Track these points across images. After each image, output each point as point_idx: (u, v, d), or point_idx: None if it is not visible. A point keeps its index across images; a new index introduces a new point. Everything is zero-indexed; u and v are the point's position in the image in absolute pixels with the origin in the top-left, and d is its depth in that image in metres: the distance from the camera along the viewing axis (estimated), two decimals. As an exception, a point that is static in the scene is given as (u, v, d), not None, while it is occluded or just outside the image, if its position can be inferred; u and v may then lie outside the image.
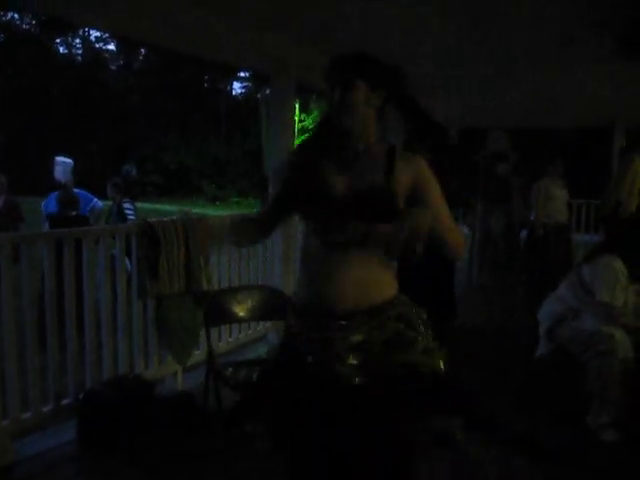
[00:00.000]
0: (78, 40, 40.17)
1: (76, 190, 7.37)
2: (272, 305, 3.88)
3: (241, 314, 3.86)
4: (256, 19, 4.66)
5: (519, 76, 6.71)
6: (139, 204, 9.18)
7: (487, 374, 5.17)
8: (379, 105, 2.16)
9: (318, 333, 2.12)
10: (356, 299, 2.11)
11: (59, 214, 6.73)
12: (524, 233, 8.07)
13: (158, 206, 24.96)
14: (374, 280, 2.15)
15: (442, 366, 2.20)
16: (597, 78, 6.55)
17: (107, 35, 38.39)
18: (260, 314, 4.03)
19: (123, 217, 7.29)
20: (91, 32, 39.21)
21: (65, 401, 3.94)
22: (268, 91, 6.58)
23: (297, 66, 5.49)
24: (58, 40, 39.03)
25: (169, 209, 23.32)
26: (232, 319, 4.05)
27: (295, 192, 2.12)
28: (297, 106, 28.56)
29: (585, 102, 8.16)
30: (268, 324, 5.47)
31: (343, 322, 2.10)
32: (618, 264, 4.06)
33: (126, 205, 7.50)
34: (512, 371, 5.22)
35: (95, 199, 7.67)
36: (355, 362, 2.09)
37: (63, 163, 7.51)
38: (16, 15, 36.07)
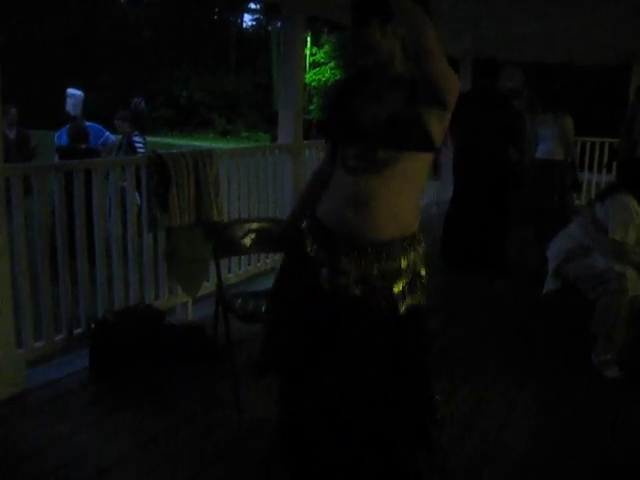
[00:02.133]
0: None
1: (88, 123, 7.34)
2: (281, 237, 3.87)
3: (250, 246, 3.86)
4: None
5: (534, 8, 6.56)
6: (149, 138, 9.13)
7: (493, 311, 5.21)
8: (402, 34, 2.11)
9: (346, 258, 2.17)
10: (387, 229, 2.16)
11: (69, 146, 6.73)
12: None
13: (168, 140, 24.88)
14: (403, 213, 2.19)
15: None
16: (615, 13, 6.41)
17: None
18: (269, 246, 4.04)
19: (133, 150, 7.27)
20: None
21: (77, 330, 4.00)
22: (279, 24, 6.47)
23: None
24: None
25: (179, 142, 23.27)
26: (241, 251, 4.06)
27: (329, 127, 2.24)
28: (309, 39, 28.18)
29: (602, 37, 7.99)
30: (276, 256, 5.49)
31: (372, 249, 2.16)
32: (633, 203, 4.04)
33: (136, 138, 7.47)
34: (518, 307, 5.26)
35: (107, 132, 7.64)
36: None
37: (74, 95, 7.45)
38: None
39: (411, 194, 2.20)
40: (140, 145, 7.42)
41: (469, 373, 4.01)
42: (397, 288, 2.18)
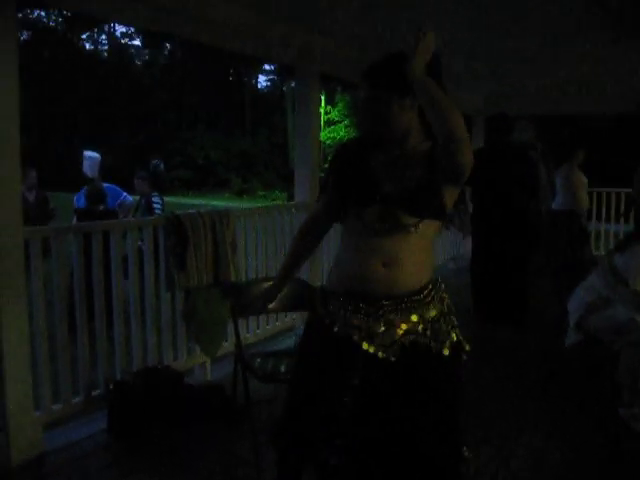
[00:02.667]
0: (104, 36, 40.46)
1: (105, 185, 7.43)
2: (300, 296, 3.87)
3: (269, 305, 3.84)
4: (282, 10, 4.65)
5: (545, 62, 6.63)
6: (166, 198, 9.23)
7: (516, 364, 5.14)
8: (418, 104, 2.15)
9: (366, 316, 2.21)
10: (415, 281, 2.23)
11: (87, 208, 6.80)
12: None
13: (185, 200, 25.09)
14: (425, 264, 2.27)
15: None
16: (625, 61, 6.45)
17: (132, 30, 38.61)
18: (288, 305, 4.03)
19: (151, 211, 7.33)
20: (117, 27, 39.47)
21: (95, 392, 3.98)
22: (293, 84, 6.58)
23: (322, 57, 5.47)
24: (84, 36, 39.34)
25: (196, 203, 23.45)
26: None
27: (346, 190, 2.26)
28: (323, 98, 28.59)
29: (614, 86, 8.03)
30: (296, 315, 5.47)
31: (406, 299, 2.22)
32: (653, 252, 4.01)
33: (154, 199, 7.53)
34: (542, 362, 5.19)
35: (125, 193, 7.72)
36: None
37: (90, 158, 7.56)
38: (42, 12, 36.38)
39: (429, 250, 2.29)
40: (158, 206, 7.48)
41: (494, 426, 3.94)
42: (439, 331, 2.24)
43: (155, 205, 7.45)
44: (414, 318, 2.20)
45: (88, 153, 7.65)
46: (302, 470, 2.49)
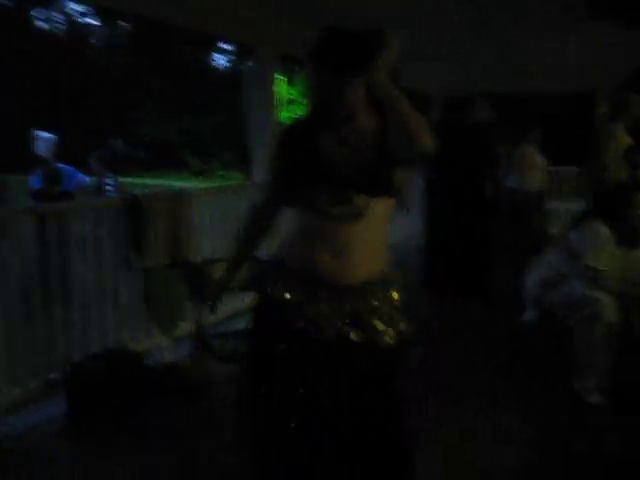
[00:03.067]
0: (58, 15, 39.65)
1: (61, 166, 7.30)
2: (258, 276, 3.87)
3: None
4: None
5: (500, 40, 6.67)
6: (124, 179, 9.11)
7: (472, 340, 5.21)
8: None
9: (319, 302, 2.16)
10: (366, 271, 2.18)
11: (43, 190, 6.68)
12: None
13: (143, 181, 24.81)
14: (376, 253, 2.22)
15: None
16: (579, 42, 6.53)
17: (89, 10, 37.90)
18: (246, 284, 4.03)
19: (103, 193, 7.20)
20: (71, 6, 38.70)
21: (54, 375, 3.94)
22: (250, 62, 6.54)
23: (280, 37, 5.44)
24: (36, 14, 38.51)
25: (154, 183, 23.23)
26: (218, 290, 4.04)
27: (295, 172, 2.19)
28: (286, 79, 28.43)
29: (567, 67, 8.13)
30: (254, 295, 5.46)
31: (350, 291, 2.16)
32: (604, 229, 4.08)
33: (107, 181, 7.40)
34: (498, 337, 5.26)
35: (80, 174, 7.58)
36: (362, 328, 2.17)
37: (44, 138, 7.40)
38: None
39: (381, 234, 2.23)
40: (110, 188, 7.33)
41: (456, 402, 3.99)
42: (379, 323, 2.18)
43: (108, 187, 7.31)
44: (349, 308, 2.16)
45: (41, 133, 7.49)
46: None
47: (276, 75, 6.05)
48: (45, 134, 7.39)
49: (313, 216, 2.15)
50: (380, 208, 2.14)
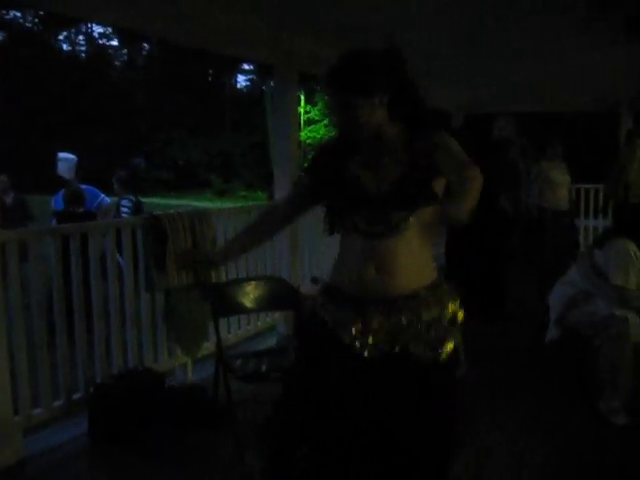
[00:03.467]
0: (81, 37, 40.19)
1: (83, 186, 7.35)
2: (280, 295, 3.87)
3: (249, 305, 3.85)
4: (260, 10, 4.63)
5: (524, 60, 6.66)
6: (146, 199, 9.17)
7: (497, 361, 5.16)
8: (386, 99, 2.14)
9: (375, 316, 2.16)
10: (412, 284, 2.17)
11: (65, 210, 6.73)
12: None
13: (166, 201, 24.95)
14: (422, 266, 2.22)
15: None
16: (603, 60, 6.49)
17: (110, 31, 38.37)
18: (268, 305, 4.03)
19: (119, 214, 7.25)
20: (94, 28, 39.22)
21: (76, 395, 3.95)
22: (272, 83, 6.56)
23: (300, 56, 5.47)
24: (61, 37, 39.06)
25: (177, 203, 23.34)
26: (240, 310, 4.05)
27: (326, 191, 2.25)
28: (302, 98, 28.56)
29: (592, 85, 8.09)
30: (276, 315, 5.46)
31: (401, 302, 2.16)
32: (632, 247, 4.02)
33: (123, 202, 7.44)
34: (523, 357, 5.20)
35: (102, 195, 7.63)
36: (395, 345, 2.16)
37: (66, 160, 7.49)
38: (18, 13, 36.07)
39: (427, 248, 2.24)
40: (125, 209, 7.37)
41: (475, 423, 3.95)
42: (430, 337, 2.17)
43: (123, 209, 7.35)
44: (403, 320, 2.15)
45: (63, 155, 7.57)
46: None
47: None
48: (67, 155, 7.48)
49: (355, 237, 2.18)
50: (420, 219, 2.14)
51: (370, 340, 2.15)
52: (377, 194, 2.13)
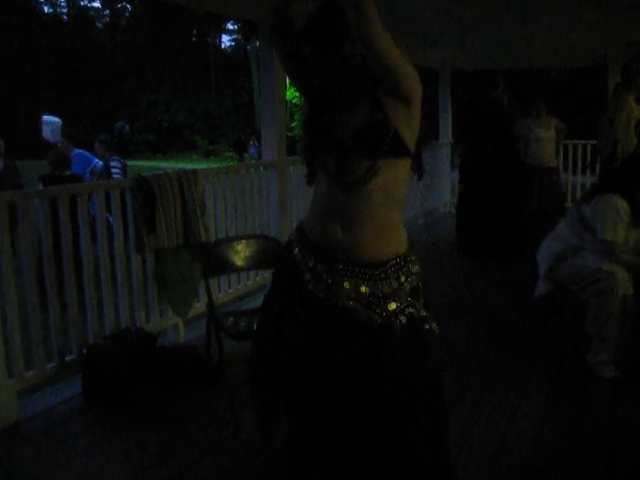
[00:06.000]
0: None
1: (77, 151, 7.31)
2: (270, 254, 3.87)
3: (239, 264, 3.85)
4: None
5: (510, 15, 6.60)
6: (132, 162, 9.11)
7: (485, 315, 5.21)
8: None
9: (329, 275, 2.14)
10: (378, 249, 2.15)
11: (51, 174, 6.69)
12: None
13: (151, 163, 24.84)
14: (392, 231, 2.19)
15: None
16: (590, 16, 6.45)
17: (92, -9, 37.79)
18: (258, 263, 4.03)
19: (109, 176, 7.21)
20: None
21: (69, 357, 3.97)
22: (257, 42, 6.49)
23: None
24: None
25: (163, 165, 23.25)
26: (230, 269, 4.06)
27: (306, 141, 2.26)
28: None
29: (577, 39, 8.04)
30: (267, 274, 5.47)
31: (365, 270, 2.14)
32: (620, 202, 4.03)
33: (113, 163, 7.40)
34: (511, 311, 5.26)
35: (95, 159, 7.60)
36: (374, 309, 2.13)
37: (50, 123, 7.43)
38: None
39: (394, 209, 2.19)
40: (116, 171, 7.34)
41: (465, 380, 4.00)
42: (390, 307, 2.14)
43: (113, 170, 7.32)
44: (363, 289, 2.13)
45: (48, 118, 7.51)
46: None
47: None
48: (51, 118, 7.41)
49: (326, 185, 2.17)
50: (387, 173, 2.09)
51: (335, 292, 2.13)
52: (342, 138, 2.10)
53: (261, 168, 5.72)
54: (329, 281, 2.14)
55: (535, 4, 5.96)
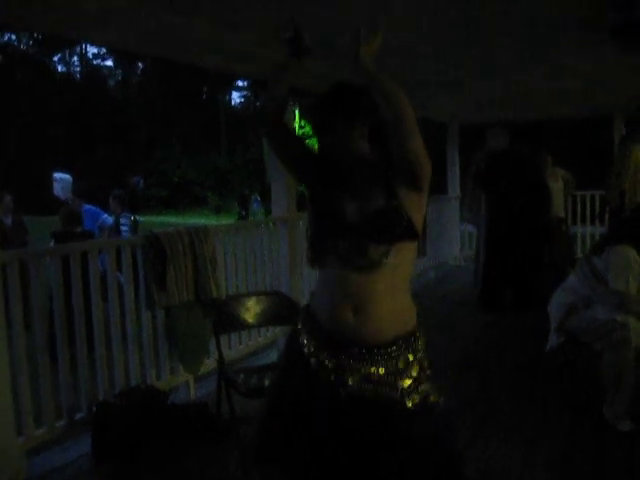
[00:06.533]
0: (76, 58, 40.36)
1: (86, 206, 7.38)
2: (281, 310, 3.87)
3: (250, 320, 3.85)
4: (253, 26, 4.66)
5: (515, 69, 6.69)
6: (144, 217, 9.19)
7: (499, 369, 5.17)
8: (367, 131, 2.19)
9: (335, 359, 2.13)
10: (389, 329, 2.14)
11: (63, 231, 6.74)
12: None
13: (162, 219, 24.99)
14: (401, 308, 2.19)
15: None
16: (594, 68, 6.53)
17: (104, 51, 38.54)
18: (269, 320, 4.03)
19: (118, 232, 7.28)
20: (88, 49, 39.39)
21: (79, 415, 3.94)
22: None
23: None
24: (56, 58, 39.22)
25: (173, 221, 23.39)
26: (241, 326, 4.05)
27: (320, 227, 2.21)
28: (297, 112, 28.66)
29: (583, 92, 8.13)
30: (277, 330, 5.46)
31: (376, 351, 2.12)
32: (631, 253, 4.04)
33: (123, 220, 7.47)
34: (523, 365, 5.21)
35: (105, 215, 7.66)
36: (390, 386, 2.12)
37: (61, 180, 7.52)
38: (13, 36, 36.24)
39: (404, 288, 2.20)
40: (125, 228, 7.40)
41: (478, 433, 3.95)
42: (405, 384, 2.13)
43: (122, 227, 7.38)
44: (374, 370, 2.11)
45: (59, 175, 7.60)
46: None
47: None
48: (62, 175, 7.50)
49: (336, 267, 2.15)
50: (400, 256, 2.11)
51: (347, 379, 2.11)
52: (357, 224, 2.11)
53: (271, 224, 5.75)
54: (340, 369, 2.12)
55: (538, 57, 6.04)
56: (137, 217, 7.98)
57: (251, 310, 3.84)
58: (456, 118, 10.42)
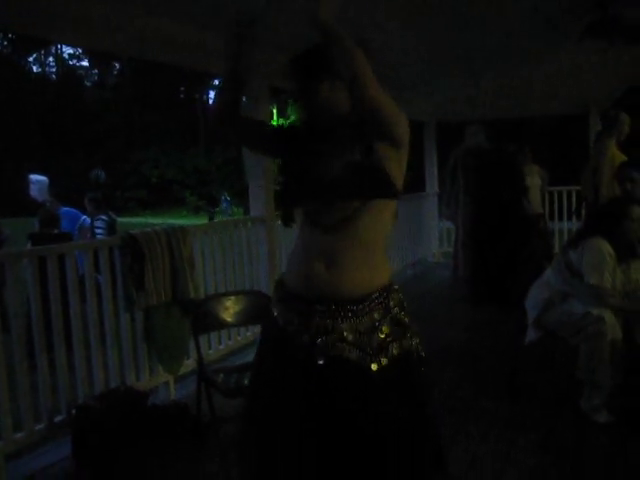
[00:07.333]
0: (51, 58, 40.06)
1: (65, 209, 7.35)
2: (260, 309, 3.87)
3: (229, 320, 3.86)
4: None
5: (492, 68, 6.75)
6: (122, 219, 9.14)
7: (476, 363, 5.20)
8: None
9: (318, 319, 2.11)
10: (362, 285, 2.12)
11: (40, 232, 6.70)
12: None
13: (141, 220, 24.87)
14: (374, 265, 2.16)
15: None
16: (569, 64, 6.59)
17: (80, 52, 38.28)
18: (248, 319, 4.03)
19: (94, 234, 7.26)
20: (64, 49, 39.09)
21: (58, 418, 3.92)
22: (244, 97, 6.57)
23: (271, 70, 5.49)
24: (31, 59, 38.90)
25: (153, 222, 23.28)
26: (220, 325, 4.06)
27: (289, 190, 2.22)
28: (274, 111, 28.60)
29: (559, 89, 8.20)
30: (257, 329, 5.45)
31: (348, 307, 2.10)
32: (605, 246, 4.08)
33: (97, 223, 7.45)
34: (502, 359, 5.24)
35: (84, 216, 7.63)
36: (360, 347, 2.09)
37: (38, 181, 7.49)
38: (-13, 37, 35.92)
39: (379, 247, 2.18)
40: (99, 231, 7.38)
41: (456, 428, 3.97)
42: (374, 343, 2.11)
43: (97, 230, 7.36)
44: (345, 327, 2.09)
45: (35, 177, 7.57)
46: None
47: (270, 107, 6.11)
48: (39, 177, 7.48)
49: (306, 229, 2.16)
50: (375, 216, 2.10)
51: (318, 339, 2.09)
52: (328, 182, 2.10)
53: (249, 223, 5.75)
54: (312, 332, 2.10)
55: (514, 55, 6.09)
56: (114, 216, 7.93)
57: (230, 309, 3.85)
58: (433, 117, 10.48)
